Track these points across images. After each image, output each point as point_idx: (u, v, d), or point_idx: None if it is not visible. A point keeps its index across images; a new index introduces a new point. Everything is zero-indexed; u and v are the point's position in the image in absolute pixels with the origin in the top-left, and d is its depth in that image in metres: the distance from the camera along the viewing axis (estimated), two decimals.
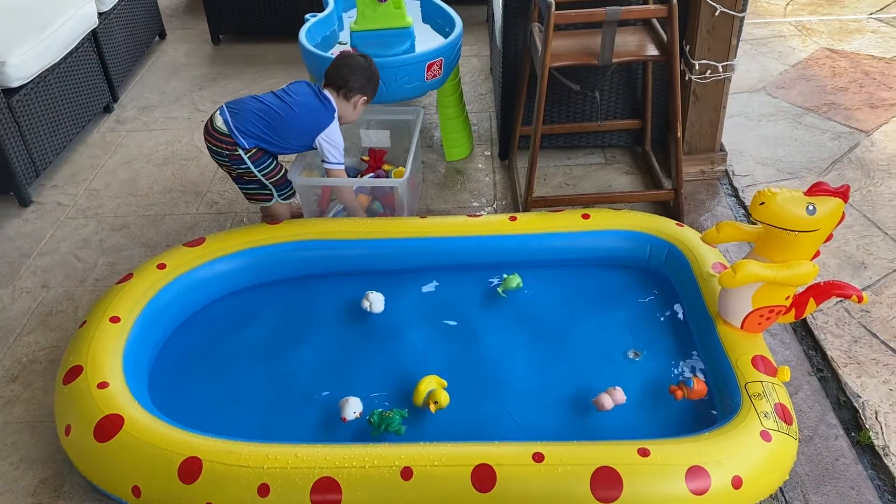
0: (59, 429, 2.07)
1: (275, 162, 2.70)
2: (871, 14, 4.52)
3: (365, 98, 2.75)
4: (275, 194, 2.77)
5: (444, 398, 2.12)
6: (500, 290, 2.55)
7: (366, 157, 3.16)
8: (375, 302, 2.48)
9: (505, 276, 2.56)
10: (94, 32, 3.75)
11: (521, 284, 2.54)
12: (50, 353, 2.53)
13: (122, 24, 4.07)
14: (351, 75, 2.69)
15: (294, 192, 2.81)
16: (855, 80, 3.83)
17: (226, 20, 4.55)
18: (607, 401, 2.08)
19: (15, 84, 3.13)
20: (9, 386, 2.42)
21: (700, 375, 2.21)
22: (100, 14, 3.80)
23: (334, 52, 3.12)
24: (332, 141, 2.66)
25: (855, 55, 4.06)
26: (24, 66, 3.15)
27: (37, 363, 2.50)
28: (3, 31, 3.28)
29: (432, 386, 2.16)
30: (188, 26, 4.92)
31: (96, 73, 3.78)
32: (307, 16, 3.26)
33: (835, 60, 4.03)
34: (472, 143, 3.49)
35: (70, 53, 3.51)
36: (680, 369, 2.26)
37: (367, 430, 2.10)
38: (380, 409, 2.12)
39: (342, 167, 2.72)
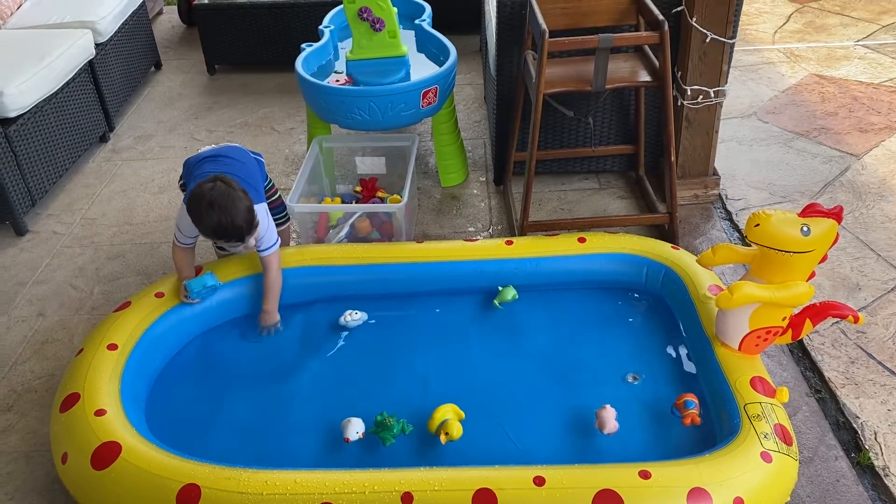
0: (56, 457, 2.04)
1: None
2: (858, 41, 4.60)
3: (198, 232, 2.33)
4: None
5: (456, 430, 2.08)
6: (496, 302, 2.56)
7: (358, 189, 3.18)
8: (356, 316, 2.53)
9: (500, 288, 2.57)
10: (90, 63, 3.78)
11: (517, 296, 2.56)
12: (45, 382, 2.52)
13: (118, 55, 4.10)
14: (189, 209, 2.29)
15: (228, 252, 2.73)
16: (844, 105, 3.89)
17: (221, 50, 4.59)
18: (610, 422, 2.07)
19: (12, 114, 3.14)
20: (4, 415, 2.40)
21: (688, 391, 2.21)
22: (97, 45, 3.84)
23: (330, 80, 3.16)
24: (180, 217, 2.41)
25: (843, 81, 4.13)
26: (22, 96, 3.17)
27: (32, 392, 2.48)
28: (1, 62, 3.32)
29: (448, 416, 2.12)
30: (184, 57, 4.96)
31: (93, 103, 3.80)
32: (303, 45, 3.30)
33: (823, 86, 4.09)
34: (468, 169, 3.51)
35: (67, 84, 3.54)
36: (679, 392, 2.25)
37: (372, 451, 2.10)
38: (387, 414, 2.12)
39: (184, 245, 2.44)
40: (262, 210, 2.39)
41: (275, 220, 2.68)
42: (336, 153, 3.31)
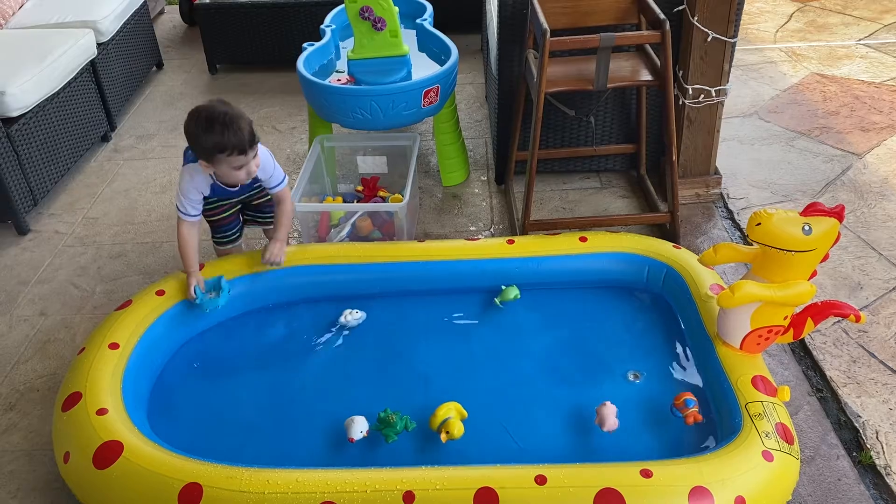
0: (58, 456, 2.05)
1: (214, 204, 2.58)
2: (860, 40, 4.59)
3: (203, 164, 2.31)
4: (211, 234, 2.73)
5: (457, 430, 2.08)
6: (497, 300, 2.56)
7: (360, 188, 3.19)
8: (357, 315, 2.54)
9: (503, 287, 2.58)
10: (92, 62, 3.79)
11: (519, 296, 2.56)
12: (48, 381, 2.52)
13: (120, 55, 4.11)
14: (187, 135, 2.30)
15: (231, 242, 2.71)
16: (846, 104, 3.88)
17: (223, 50, 4.60)
18: (610, 418, 2.07)
19: (14, 113, 3.15)
20: (6, 414, 2.41)
21: (688, 390, 2.21)
22: (99, 44, 3.84)
23: (332, 80, 3.16)
24: (180, 187, 2.43)
25: (845, 80, 4.12)
26: (24, 95, 3.17)
27: (34, 391, 2.49)
28: (2, 61, 3.32)
29: (450, 414, 2.12)
30: (185, 56, 4.97)
31: (94, 102, 3.81)
32: (305, 45, 3.30)
33: (825, 85, 4.09)
34: (469, 168, 3.51)
35: (69, 83, 3.54)
36: (679, 391, 2.25)
37: (374, 450, 2.11)
38: (391, 410, 2.12)
39: (190, 219, 2.44)
40: (265, 151, 2.46)
41: (216, 238, 2.72)
42: (337, 152, 3.32)
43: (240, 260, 2.63)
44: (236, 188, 2.50)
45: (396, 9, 3.13)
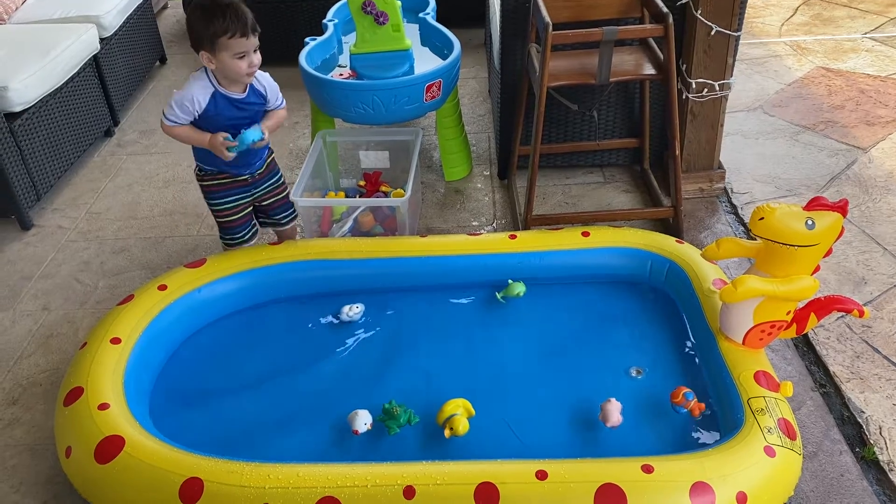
0: (60, 451, 2.05)
1: (227, 204, 2.58)
2: (866, 33, 4.56)
3: (206, 55, 2.32)
4: (219, 233, 2.70)
5: (462, 427, 2.07)
6: (499, 294, 2.55)
7: (362, 183, 3.18)
8: (357, 309, 2.54)
9: (510, 281, 2.57)
10: (95, 57, 3.79)
11: (521, 294, 2.56)
12: (50, 376, 2.53)
13: (123, 50, 4.11)
14: (188, 28, 2.34)
15: (243, 244, 2.67)
16: (851, 97, 3.86)
17: None
18: (614, 415, 2.07)
19: (17, 108, 3.15)
20: (9, 408, 2.42)
21: (688, 385, 2.21)
22: (101, 39, 3.84)
23: (334, 74, 3.16)
24: (176, 92, 2.39)
25: (850, 73, 4.10)
26: (27, 90, 3.18)
27: (37, 385, 2.50)
28: (5, 56, 3.32)
29: (457, 411, 2.11)
30: (188, 51, 4.90)
31: (97, 97, 3.81)
32: (307, 39, 3.30)
33: (830, 79, 4.07)
34: (471, 163, 3.51)
35: (72, 78, 3.54)
36: (680, 386, 2.24)
37: (375, 444, 2.11)
38: (397, 403, 2.12)
39: (170, 123, 2.38)
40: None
41: (224, 239, 2.69)
42: (340, 147, 3.31)
43: (240, 256, 2.63)
44: (241, 97, 2.41)
45: (399, 3, 3.12)
